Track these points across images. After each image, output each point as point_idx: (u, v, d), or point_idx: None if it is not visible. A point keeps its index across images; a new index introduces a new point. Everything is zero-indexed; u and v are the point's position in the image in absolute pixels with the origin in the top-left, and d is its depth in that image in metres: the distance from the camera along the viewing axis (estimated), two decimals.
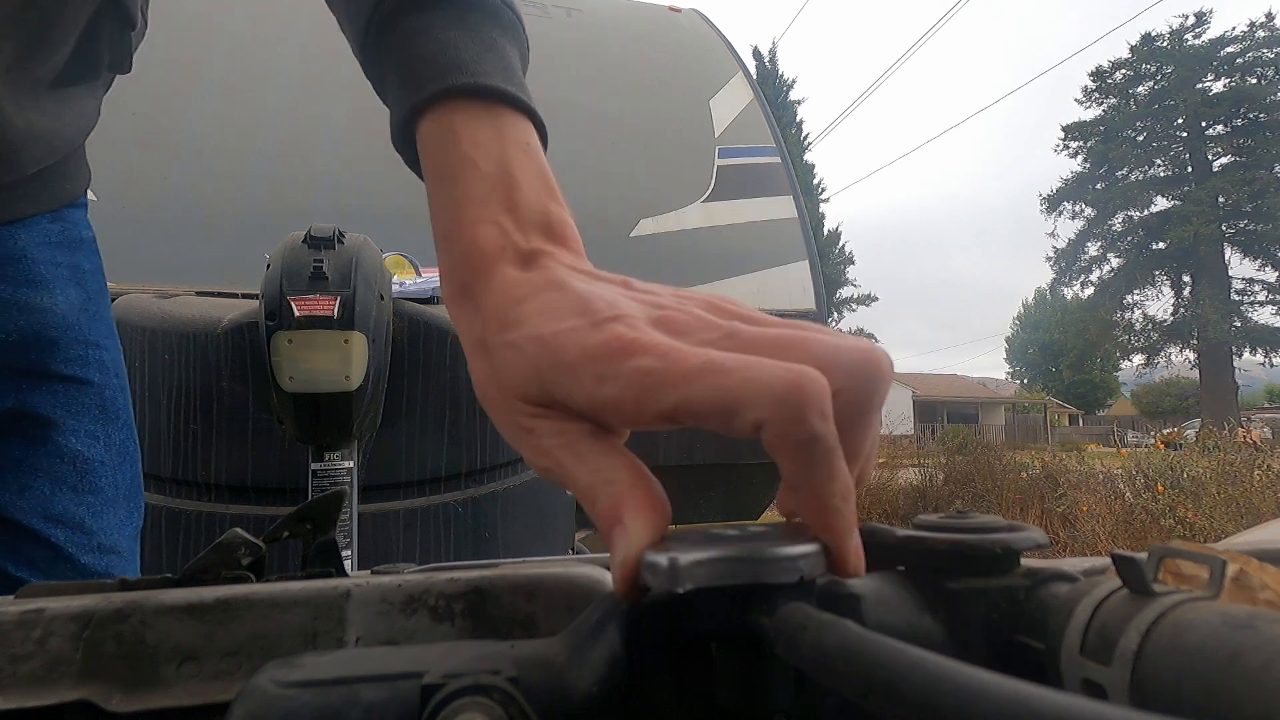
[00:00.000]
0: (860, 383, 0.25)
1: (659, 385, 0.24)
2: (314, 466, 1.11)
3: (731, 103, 2.78)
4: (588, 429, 0.27)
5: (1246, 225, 24.13)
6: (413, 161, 0.37)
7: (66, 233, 0.66)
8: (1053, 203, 27.43)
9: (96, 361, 0.66)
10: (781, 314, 2.43)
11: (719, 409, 0.23)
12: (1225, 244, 24.59)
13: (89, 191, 0.71)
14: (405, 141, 0.36)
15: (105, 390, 0.67)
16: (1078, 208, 27.27)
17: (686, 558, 0.21)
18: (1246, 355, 25.45)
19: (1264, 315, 24.77)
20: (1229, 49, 24.62)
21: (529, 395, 0.27)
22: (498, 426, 0.29)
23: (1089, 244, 27.53)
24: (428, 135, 0.35)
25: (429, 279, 1.48)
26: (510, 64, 0.36)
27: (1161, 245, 25.38)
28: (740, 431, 0.24)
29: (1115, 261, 27.06)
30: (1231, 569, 0.21)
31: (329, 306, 1.08)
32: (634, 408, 0.25)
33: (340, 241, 1.15)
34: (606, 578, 0.28)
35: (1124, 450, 8.38)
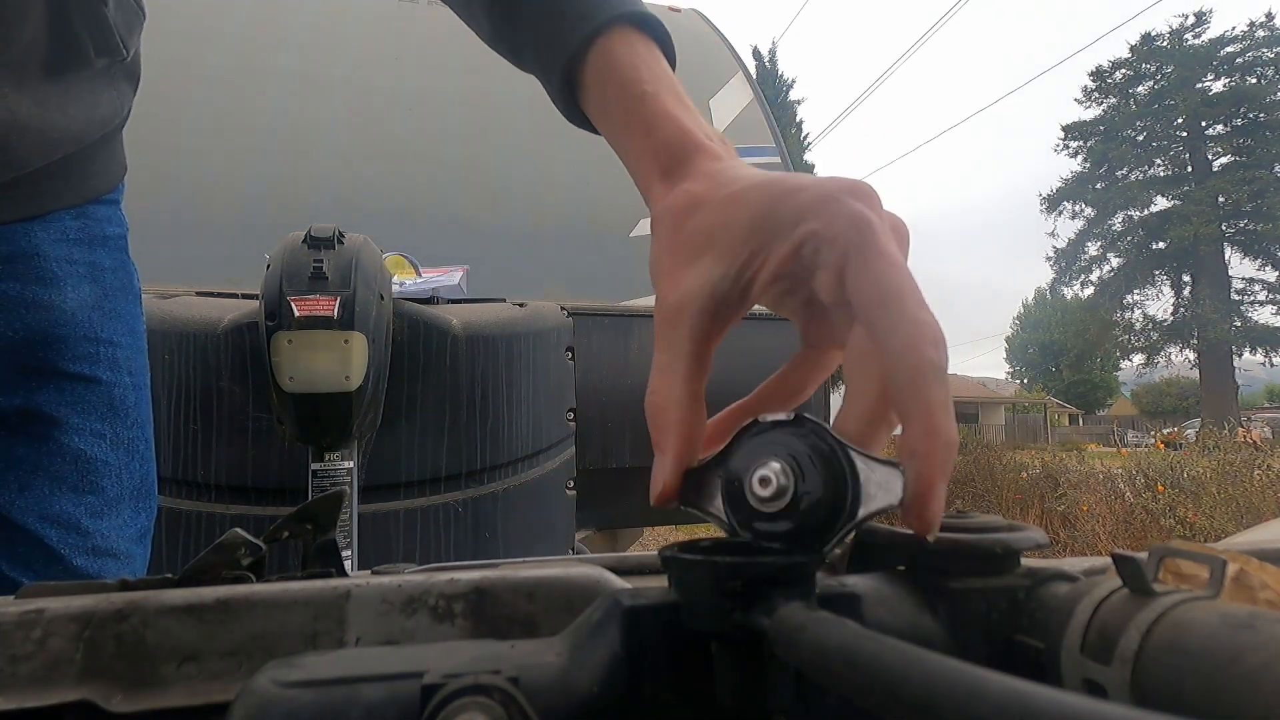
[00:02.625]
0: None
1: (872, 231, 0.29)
2: (314, 466, 1.11)
3: (731, 103, 2.77)
4: (702, 326, 0.31)
5: (1246, 225, 24.13)
6: (559, 84, 0.40)
7: (88, 229, 0.65)
8: (1053, 202, 27.42)
9: (108, 359, 0.66)
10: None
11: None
12: (1225, 244, 24.59)
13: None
14: (564, 64, 0.40)
15: (115, 388, 0.66)
16: (1078, 207, 27.26)
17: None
18: (1246, 355, 25.46)
19: (1264, 315, 24.78)
20: (1229, 49, 24.61)
21: (723, 243, 0.31)
22: (654, 275, 0.34)
23: (1089, 244, 27.54)
24: (605, 58, 0.39)
25: (429, 279, 1.48)
26: None
27: (1161, 245, 25.37)
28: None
29: (1115, 261, 27.07)
30: (1231, 569, 0.21)
31: (329, 307, 1.08)
32: (832, 240, 0.29)
33: (340, 241, 1.15)
34: (607, 578, 0.28)
35: (1124, 450, 8.38)
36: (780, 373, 0.34)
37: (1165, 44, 25.63)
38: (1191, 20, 25.27)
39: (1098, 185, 26.74)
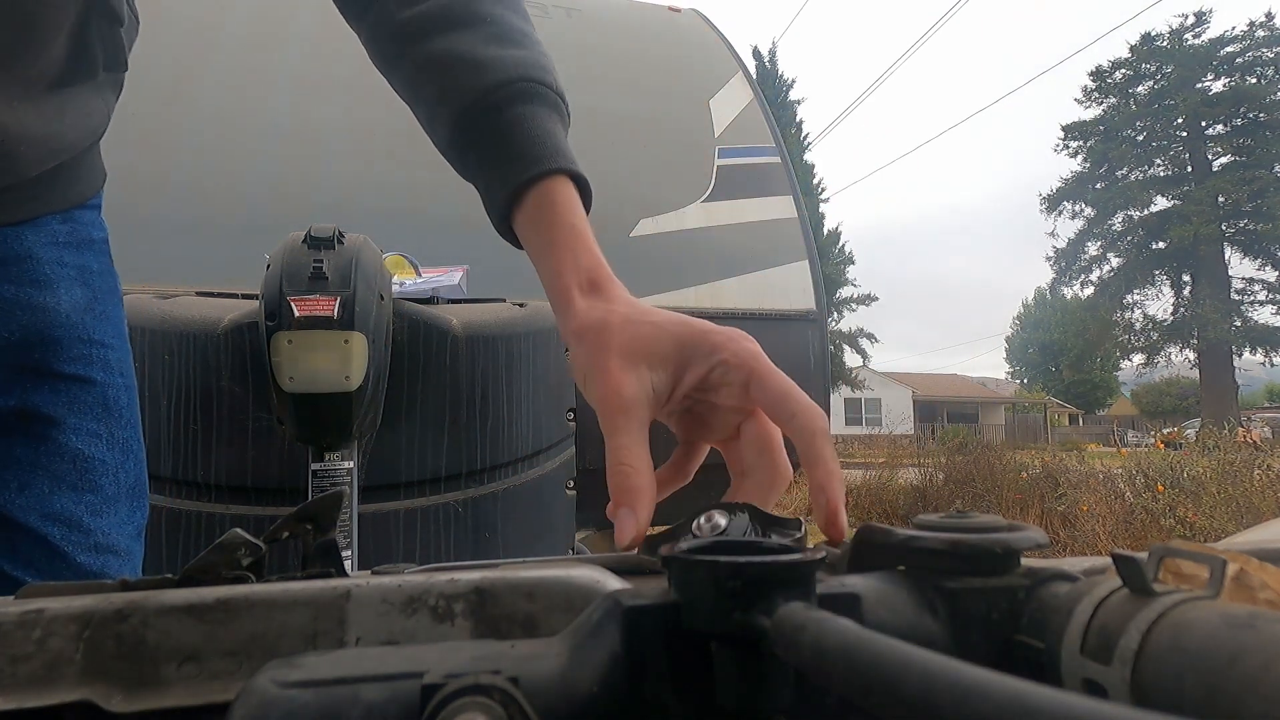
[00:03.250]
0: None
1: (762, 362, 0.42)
2: (314, 466, 1.11)
3: (731, 103, 2.77)
4: (647, 419, 0.42)
5: (1246, 225, 24.08)
6: (502, 201, 0.51)
7: (75, 233, 0.66)
8: (1053, 202, 27.38)
9: (101, 360, 0.67)
10: (782, 314, 2.44)
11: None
12: (1225, 244, 24.55)
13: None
14: (512, 189, 0.50)
15: (109, 389, 0.67)
16: (1078, 207, 27.22)
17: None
18: (1246, 355, 25.42)
19: (1264, 315, 24.74)
20: (1229, 49, 24.58)
21: (655, 356, 0.43)
22: (600, 372, 0.43)
23: (1089, 244, 27.48)
24: (547, 193, 0.50)
25: (429, 279, 1.48)
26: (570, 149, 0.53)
27: (1161, 245, 25.33)
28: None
29: (1115, 261, 27.01)
30: (1231, 568, 0.21)
31: (329, 307, 1.08)
32: (738, 366, 0.41)
33: (340, 241, 1.15)
34: (606, 578, 0.28)
35: (1124, 450, 8.37)
36: (670, 461, 0.46)
37: (1165, 44, 25.59)
38: (1191, 20, 25.24)
39: (1098, 185, 26.70)
